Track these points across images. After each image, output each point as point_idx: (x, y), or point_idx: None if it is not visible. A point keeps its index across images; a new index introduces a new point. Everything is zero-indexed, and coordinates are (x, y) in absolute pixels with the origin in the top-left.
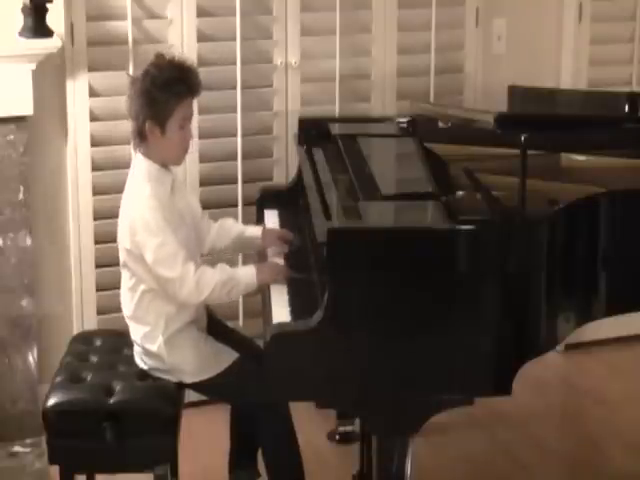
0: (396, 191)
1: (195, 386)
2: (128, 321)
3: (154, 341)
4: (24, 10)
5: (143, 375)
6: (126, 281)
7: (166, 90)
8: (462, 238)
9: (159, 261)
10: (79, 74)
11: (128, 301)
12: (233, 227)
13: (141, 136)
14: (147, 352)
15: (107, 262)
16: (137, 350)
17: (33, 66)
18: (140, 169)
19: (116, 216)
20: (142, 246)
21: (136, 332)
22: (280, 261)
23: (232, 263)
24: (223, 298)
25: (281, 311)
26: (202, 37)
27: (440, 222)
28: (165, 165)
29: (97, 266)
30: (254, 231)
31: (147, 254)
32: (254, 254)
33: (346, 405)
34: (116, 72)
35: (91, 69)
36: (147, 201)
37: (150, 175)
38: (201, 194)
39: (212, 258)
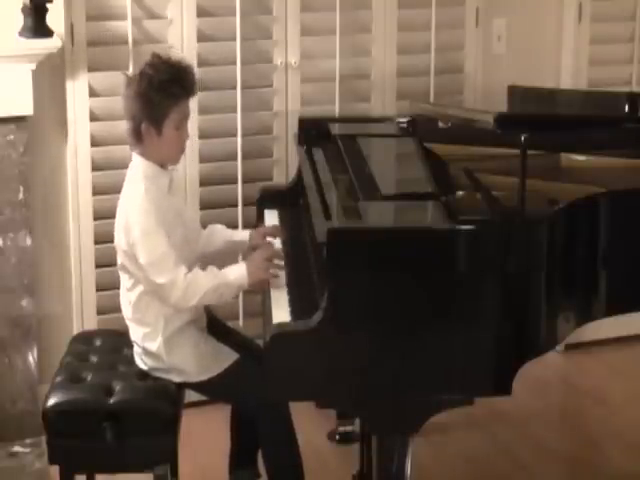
0: (396, 191)
1: (195, 386)
2: (128, 323)
3: (154, 341)
4: (24, 10)
5: (143, 375)
6: (125, 283)
7: (162, 92)
8: (462, 238)
9: (149, 265)
10: (79, 74)
11: (127, 303)
12: (222, 232)
13: (137, 136)
14: (147, 352)
15: (107, 262)
16: (137, 351)
17: (33, 66)
18: (136, 169)
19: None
20: (134, 248)
21: (136, 333)
22: (273, 245)
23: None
24: (214, 301)
25: (281, 311)
26: (202, 37)
27: (440, 222)
28: (163, 165)
29: (97, 266)
30: (242, 235)
31: (139, 256)
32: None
33: (346, 405)
34: (116, 72)
35: (91, 69)
36: (141, 203)
37: (146, 175)
38: (201, 194)
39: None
